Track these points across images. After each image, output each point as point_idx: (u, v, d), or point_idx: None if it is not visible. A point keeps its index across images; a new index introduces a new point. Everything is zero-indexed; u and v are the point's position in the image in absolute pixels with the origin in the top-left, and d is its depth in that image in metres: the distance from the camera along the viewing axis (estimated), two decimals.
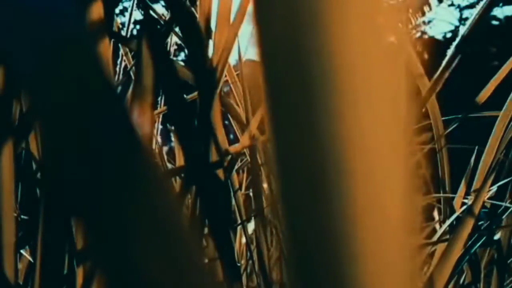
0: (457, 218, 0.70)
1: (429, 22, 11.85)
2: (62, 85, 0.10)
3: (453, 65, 0.61)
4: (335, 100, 0.11)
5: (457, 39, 0.64)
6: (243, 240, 1.22)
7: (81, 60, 0.11)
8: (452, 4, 11.41)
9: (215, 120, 0.55)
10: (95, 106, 0.10)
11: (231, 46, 0.59)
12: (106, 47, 0.44)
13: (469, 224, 0.60)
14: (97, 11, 0.43)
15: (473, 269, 0.78)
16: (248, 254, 1.06)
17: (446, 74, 0.63)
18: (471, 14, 0.67)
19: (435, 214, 1.38)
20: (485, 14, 0.60)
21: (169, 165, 1.27)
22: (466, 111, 0.78)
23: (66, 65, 0.10)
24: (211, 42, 0.63)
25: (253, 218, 0.90)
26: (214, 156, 0.58)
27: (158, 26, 0.82)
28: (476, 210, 0.60)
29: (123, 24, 1.09)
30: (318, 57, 0.11)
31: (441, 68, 0.62)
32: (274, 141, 0.11)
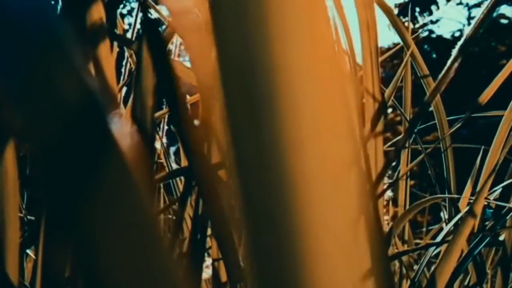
0: (462, 218, 0.70)
1: (437, 21, 11.79)
2: (39, 93, 0.10)
3: (456, 65, 0.61)
4: (281, 107, 0.11)
5: (461, 40, 0.64)
6: None
7: (58, 67, 0.11)
8: (460, 3, 11.35)
9: (217, 121, 0.55)
10: (71, 114, 0.11)
11: None
12: (107, 49, 0.45)
13: (470, 224, 0.60)
14: (97, 13, 0.43)
15: (478, 270, 0.78)
16: None
17: (450, 75, 0.62)
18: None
19: (443, 214, 1.37)
20: (490, 13, 0.60)
21: (176, 166, 1.27)
22: (470, 111, 0.78)
23: (43, 72, 0.11)
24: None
25: None
26: (216, 157, 0.58)
27: (162, 27, 0.82)
28: (477, 210, 0.60)
29: (130, 25, 1.09)
30: (266, 65, 0.11)
31: (445, 69, 0.61)
32: (231, 143, 0.11)
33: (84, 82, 0.11)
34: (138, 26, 1.05)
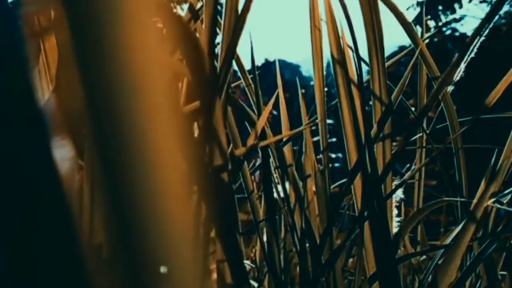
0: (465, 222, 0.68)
1: (460, 19, 11.61)
2: None
3: (461, 64, 0.60)
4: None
5: (466, 41, 0.63)
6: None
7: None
8: (484, 1, 11.16)
9: (218, 124, 0.55)
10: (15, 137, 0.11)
11: (234, 53, 0.59)
12: None
13: (471, 228, 0.59)
14: None
15: (489, 273, 0.77)
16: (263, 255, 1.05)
17: (455, 75, 0.62)
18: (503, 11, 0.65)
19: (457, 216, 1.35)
20: (494, 13, 0.59)
21: None
22: (478, 112, 0.76)
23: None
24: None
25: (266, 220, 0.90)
26: (218, 160, 0.59)
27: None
28: (479, 213, 0.59)
29: None
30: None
31: (449, 68, 0.61)
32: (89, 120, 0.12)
33: (35, 106, 0.12)
34: None
